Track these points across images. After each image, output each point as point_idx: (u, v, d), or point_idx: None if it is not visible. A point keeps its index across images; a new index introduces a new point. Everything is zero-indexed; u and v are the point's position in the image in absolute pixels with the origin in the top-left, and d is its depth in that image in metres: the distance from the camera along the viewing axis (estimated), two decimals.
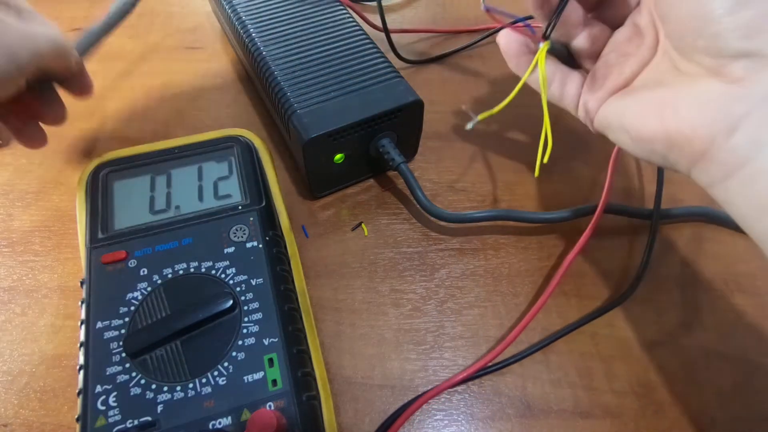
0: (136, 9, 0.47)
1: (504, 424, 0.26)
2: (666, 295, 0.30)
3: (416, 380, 0.27)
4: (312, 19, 0.36)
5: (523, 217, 0.32)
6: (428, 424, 0.26)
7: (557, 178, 0.35)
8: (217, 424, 0.20)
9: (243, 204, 0.26)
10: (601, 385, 0.27)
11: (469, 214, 0.31)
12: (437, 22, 0.47)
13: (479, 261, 0.31)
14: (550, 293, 0.28)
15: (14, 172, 0.36)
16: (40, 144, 0.28)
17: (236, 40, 0.38)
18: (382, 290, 0.30)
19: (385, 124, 0.31)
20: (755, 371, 0.27)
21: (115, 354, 0.21)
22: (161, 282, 0.23)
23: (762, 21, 0.18)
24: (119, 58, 0.44)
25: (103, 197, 0.26)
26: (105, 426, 0.20)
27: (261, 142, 0.29)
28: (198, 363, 0.21)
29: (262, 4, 0.37)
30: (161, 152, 0.28)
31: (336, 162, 0.32)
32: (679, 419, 0.26)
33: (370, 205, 0.34)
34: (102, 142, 0.38)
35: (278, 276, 0.24)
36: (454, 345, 0.28)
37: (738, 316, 0.29)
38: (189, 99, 0.41)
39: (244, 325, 0.22)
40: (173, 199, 0.26)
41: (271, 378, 0.21)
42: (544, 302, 0.27)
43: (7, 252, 0.31)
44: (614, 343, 0.28)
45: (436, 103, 0.40)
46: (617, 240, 0.32)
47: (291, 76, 0.32)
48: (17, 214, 0.33)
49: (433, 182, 0.35)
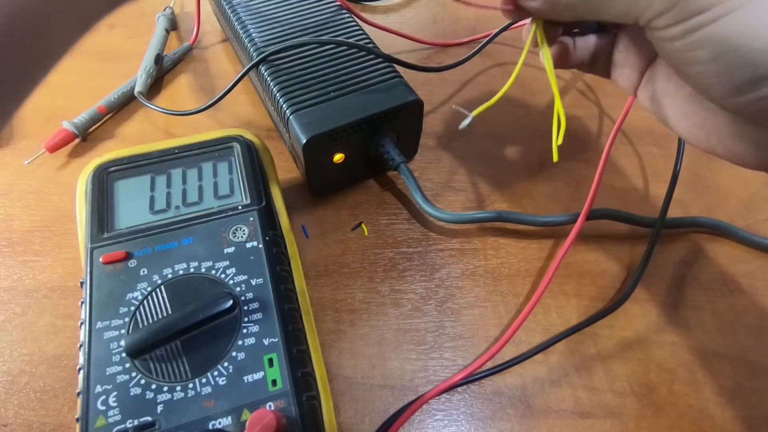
0: (136, 9, 0.47)
1: (504, 424, 0.26)
2: (666, 296, 0.30)
3: (416, 380, 0.27)
4: (312, 19, 0.36)
5: (522, 219, 0.32)
6: (428, 424, 0.26)
7: (557, 178, 0.36)
8: (217, 424, 0.20)
9: (243, 204, 0.26)
10: (601, 385, 0.27)
11: (468, 215, 0.31)
12: (437, 22, 0.47)
13: (479, 261, 0.31)
14: (543, 290, 0.28)
15: (14, 172, 0.36)
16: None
17: (236, 40, 0.38)
18: (382, 290, 0.30)
19: (385, 124, 0.31)
20: (755, 371, 0.27)
21: (115, 354, 0.21)
22: (161, 282, 0.23)
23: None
24: (119, 58, 0.44)
25: (103, 197, 0.26)
26: (105, 426, 0.20)
27: (261, 142, 0.29)
28: (198, 363, 0.21)
29: (262, 4, 0.37)
30: (161, 152, 0.28)
31: (336, 162, 0.32)
32: (679, 419, 0.26)
33: (370, 205, 0.34)
34: (102, 142, 0.38)
35: (278, 276, 0.24)
36: (454, 345, 0.28)
37: (738, 316, 0.29)
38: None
39: (244, 325, 0.22)
40: (173, 199, 0.26)
41: (271, 378, 0.21)
42: (537, 299, 0.27)
43: (7, 252, 0.31)
44: (614, 343, 0.28)
45: (436, 102, 0.40)
46: (618, 241, 0.32)
47: (290, 76, 0.32)
48: (17, 214, 0.33)
49: (433, 182, 0.35)
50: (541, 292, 0.28)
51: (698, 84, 0.20)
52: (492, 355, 0.27)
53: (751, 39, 0.17)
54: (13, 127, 0.38)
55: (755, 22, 0.17)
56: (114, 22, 0.47)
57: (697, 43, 0.18)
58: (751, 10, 0.17)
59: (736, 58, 0.18)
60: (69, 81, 0.42)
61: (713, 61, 0.18)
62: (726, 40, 0.18)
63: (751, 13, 0.17)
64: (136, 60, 0.41)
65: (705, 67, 0.19)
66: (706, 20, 0.18)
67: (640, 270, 0.30)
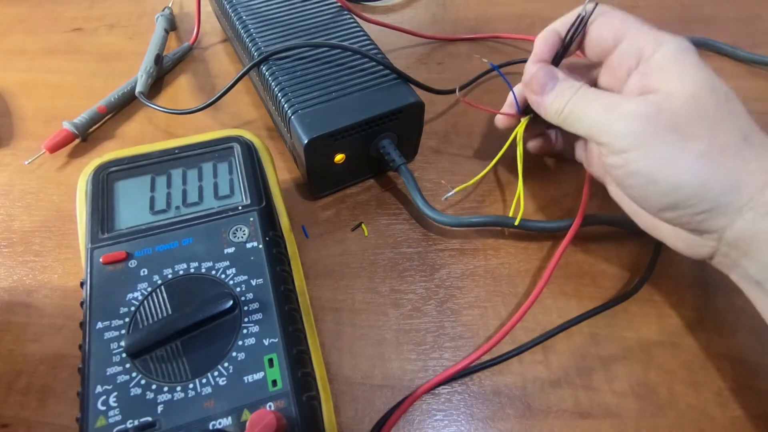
0: (136, 9, 0.47)
1: (504, 424, 0.26)
2: (666, 296, 0.30)
3: (416, 380, 0.27)
4: (313, 20, 0.36)
5: (521, 224, 0.31)
6: (428, 424, 0.26)
7: (559, 178, 0.35)
8: (217, 424, 0.20)
9: (243, 204, 0.26)
10: (601, 385, 0.27)
11: (466, 219, 0.31)
12: (437, 22, 0.47)
13: (479, 261, 0.31)
14: (539, 292, 0.28)
15: (14, 172, 0.36)
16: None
17: (237, 40, 0.38)
18: (382, 290, 0.30)
19: (386, 125, 0.31)
20: (755, 371, 0.27)
21: (115, 354, 0.21)
22: (161, 282, 0.23)
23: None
24: (119, 58, 0.44)
25: (104, 197, 0.26)
26: (105, 426, 0.20)
27: (261, 142, 0.29)
28: (198, 363, 0.21)
29: (262, 4, 0.37)
30: (161, 152, 0.28)
31: (336, 162, 0.32)
32: (679, 419, 0.26)
33: (371, 205, 0.34)
34: (102, 143, 0.38)
35: (278, 276, 0.24)
36: (454, 345, 0.28)
37: (738, 317, 0.29)
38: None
39: (244, 326, 0.22)
40: (173, 199, 0.26)
41: (271, 378, 0.21)
42: (535, 298, 0.27)
43: (7, 252, 0.31)
44: (614, 343, 0.28)
45: (437, 103, 0.40)
46: (618, 241, 0.32)
47: (292, 77, 0.32)
48: (17, 214, 0.33)
49: (433, 182, 0.35)
50: (537, 294, 0.28)
51: (635, 200, 0.25)
52: (489, 348, 0.26)
53: (665, 177, 0.22)
54: (13, 128, 0.38)
55: (663, 162, 0.22)
56: (114, 22, 0.47)
57: (632, 173, 0.23)
58: (650, 152, 0.22)
59: (658, 188, 0.23)
60: (69, 81, 0.42)
61: (644, 187, 0.23)
62: (649, 174, 0.23)
63: (652, 154, 0.22)
64: (136, 60, 0.41)
65: (639, 191, 0.24)
66: (635, 158, 0.23)
67: (646, 272, 0.30)
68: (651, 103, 0.23)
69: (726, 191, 0.21)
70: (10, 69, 0.43)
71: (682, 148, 0.22)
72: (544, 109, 0.27)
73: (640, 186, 0.23)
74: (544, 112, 0.27)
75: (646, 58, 0.25)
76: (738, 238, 0.22)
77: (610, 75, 0.27)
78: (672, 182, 0.22)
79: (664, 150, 0.22)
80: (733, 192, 0.21)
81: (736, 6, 0.49)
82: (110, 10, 0.49)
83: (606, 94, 0.25)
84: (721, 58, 0.44)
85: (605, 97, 0.25)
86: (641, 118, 0.23)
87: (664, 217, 0.24)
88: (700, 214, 0.22)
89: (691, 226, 0.23)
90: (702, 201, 0.22)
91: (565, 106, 0.26)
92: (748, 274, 0.23)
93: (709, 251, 0.24)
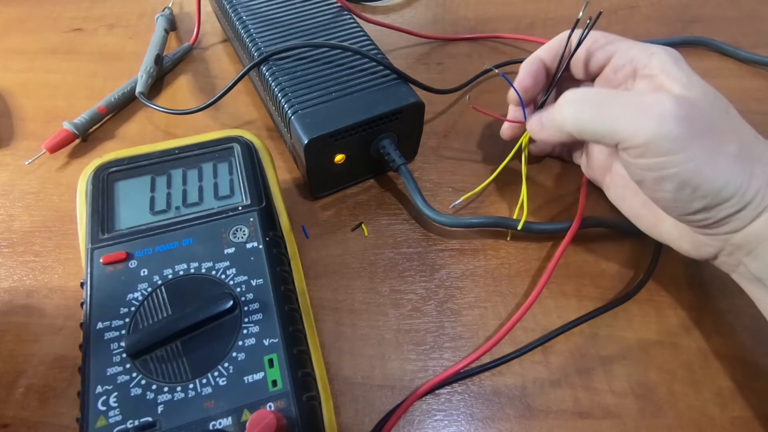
0: (136, 9, 0.47)
1: (504, 424, 0.26)
2: (666, 296, 0.30)
3: (416, 380, 0.27)
4: (313, 20, 0.36)
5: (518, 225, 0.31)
6: (428, 425, 0.26)
7: (559, 179, 0.35)
8: (217, 424, 0.20)
9: (243, 204, 0.26)
10: (601, 385, 0.27)
11: (466, 220, 0.31)
12: (437, 22, 0.47)
13: (479, 261, 0.31)
14: (540, 289, 0.28)
15: (14, 172, 0.36)
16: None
17: (237, 40, 0.38)
18: (382, 290, 0.30)
19: (386, 126, 0.31)
20: (755, 371, 0.27)
21: (115, 354, 0.21)
22: (161, 283, 0.23)
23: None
24: (119, 58, 0.44)
25: (104, 198, 0.26)
26: (105, 426, 0.20)
27: (261, 142, 0.29)
28: (198, 363, 0.21)
29: (262, 5, 0.37)
30: (162, 152, 0.28)
31: (336, 162, 0.32)
32: (679, 419, 0.26)
33: (371, 205, 0.34)
34: (102, 143, 0.38)
35: (278, 276, 0.24)
36: (454, 345, 0.28)
37: (738, 317, 0.29)
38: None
39: (245, 326, 0.22)
40: (173, 199, 0.26)
41: (272, 378, 0.21)
42: (535, 298, 0.27)
43: (7, 252, 0.31)
44: (614, 343, 0.28)
45: (437, 103, 0.40)
46: (617, 242, 0.32)
47: (292, 77, 0.32)
48: (17, 214, 0.33)
49: (433, 182, 0.35)
50: (537, 294, 0.28)
51: (658, 202, 0.24)
52: (488, 349, 0.26)
53: (706, 180, 0.21)
54: (13, 128, 0.38)
55: (709, 167, 0.21)
56: (114, 22, 0.47)
57: (667, 178, 0.22)
58: (692, 155, 0.21)
59: (696, 192, 0.22)
60: (69, 81, 0.42)
61: (678, 191, 0.22)
62: (690, 180, 0.21)
63: (693, 157, 0.21)
64: (136, 60, 0.41)
65: (668, 195, 0.22)
66: (675, 162, 0.21)
67: (647, 273, 0.30)
68: (685, 105, 0.22)
69: (757, 192, 0.21)
70: (10, 69, 0.43)
71: (720, 152, 0.21)
72: (552, 135, 0.27)
73: (673, 190, 0.22)
74: (557, 136, 0.27)
75: (644, 65, 0.25)
76: (748, 238, 0.22)
77: (606, 84, 0.28)
78: (713, 186, 0.21)
79: (704, 153, 0.21)
80: (760, 192, 0.21)
81: (736, 6, 0.49)
82: (110, 10, 0.49)
83: (624, 94, 0.24)
84: (721, 58, 0.44)
85: (626, 97, 0.23)
86: (682, 120, 0.21)
87: (690, 219, 0.23)
88: (730, 216, 0.22)
89: (711, 227, 0.23)
90: (737, 203, 0.21)
91: (573, 120, 0.25)
92: (749, 272, 0.23)
93: (713, 251, 0.24)
